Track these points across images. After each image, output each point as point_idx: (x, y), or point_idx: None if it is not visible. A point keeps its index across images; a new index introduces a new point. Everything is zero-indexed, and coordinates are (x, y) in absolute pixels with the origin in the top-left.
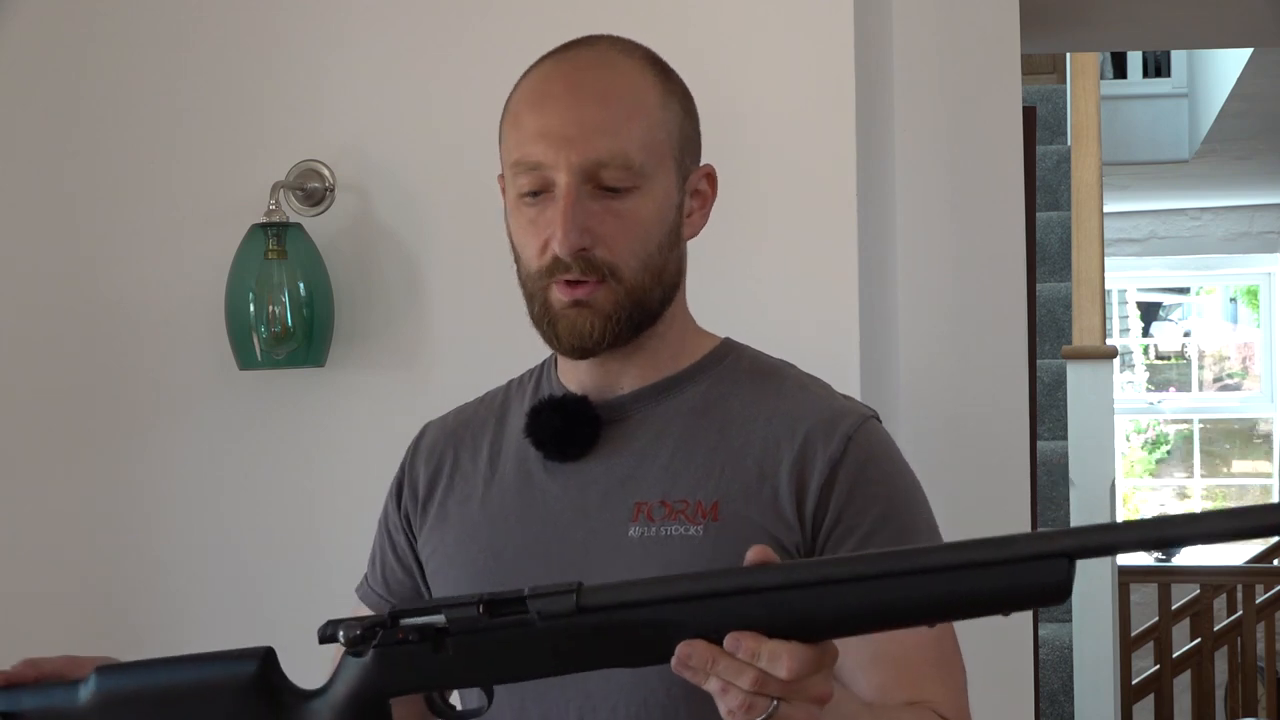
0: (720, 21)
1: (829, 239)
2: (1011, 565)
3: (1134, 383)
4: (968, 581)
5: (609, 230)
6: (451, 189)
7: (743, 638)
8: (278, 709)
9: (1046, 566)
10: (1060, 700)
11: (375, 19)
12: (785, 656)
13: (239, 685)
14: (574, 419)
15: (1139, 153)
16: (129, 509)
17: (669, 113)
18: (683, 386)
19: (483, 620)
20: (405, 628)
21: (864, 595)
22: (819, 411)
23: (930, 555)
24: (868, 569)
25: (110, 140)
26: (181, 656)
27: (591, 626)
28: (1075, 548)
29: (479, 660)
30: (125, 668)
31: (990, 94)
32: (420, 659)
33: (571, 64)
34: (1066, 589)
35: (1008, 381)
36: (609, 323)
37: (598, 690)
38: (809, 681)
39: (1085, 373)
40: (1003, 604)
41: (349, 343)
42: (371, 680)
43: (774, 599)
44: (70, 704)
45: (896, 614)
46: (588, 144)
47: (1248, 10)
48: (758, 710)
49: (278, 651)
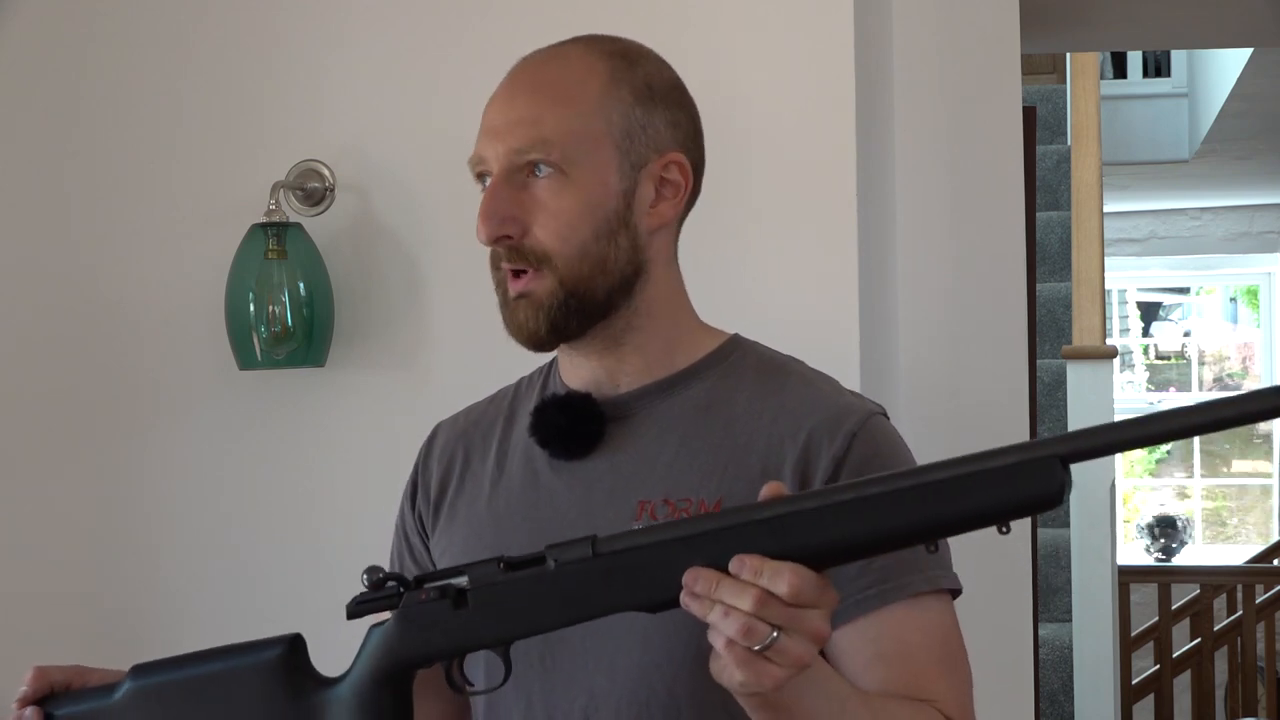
0: (720, 22)
1: (829, 239)
2: (1007, 471)
3: (1134, 383)
4: (966, 493)
5: (537, 218)
6: (452, 189)
7: (746, 558)
8: (300, 692)
9: (1041, 470)
10: (1060, 700)
11: (375, 19)
12: (788, 573)
13: (264, 669)
14: (578, 417)
15: (1139, 153)
16: (129, 509)
17: (611, 100)
18: (687, 383)
19: (501, 574)
20: (427, 588)
21: (867, 516)
22: (824, 409)
23: (927, 472)
24: (869, 491)
25: (110, 140)
26: (213, 648)
27: (605, 570)
28: (1067, 451)
29: (500, 614)
30: (158, 664)
31: (990, 94)
32: (443, 617)
33: (522, 63)
34: (1061, 493)
35: (1008, 381)
36: (543, 312)
37: (602, 689)
38: (808, 614)
39: (1085, 373)
40: (1002, 512)
41: (349, 343)
42: (394, 648)
43: (780, 526)
44: (106, 704)
45: (900, 532)
46: (510, 134)
47: (1248, 10)
48: (757, 636)
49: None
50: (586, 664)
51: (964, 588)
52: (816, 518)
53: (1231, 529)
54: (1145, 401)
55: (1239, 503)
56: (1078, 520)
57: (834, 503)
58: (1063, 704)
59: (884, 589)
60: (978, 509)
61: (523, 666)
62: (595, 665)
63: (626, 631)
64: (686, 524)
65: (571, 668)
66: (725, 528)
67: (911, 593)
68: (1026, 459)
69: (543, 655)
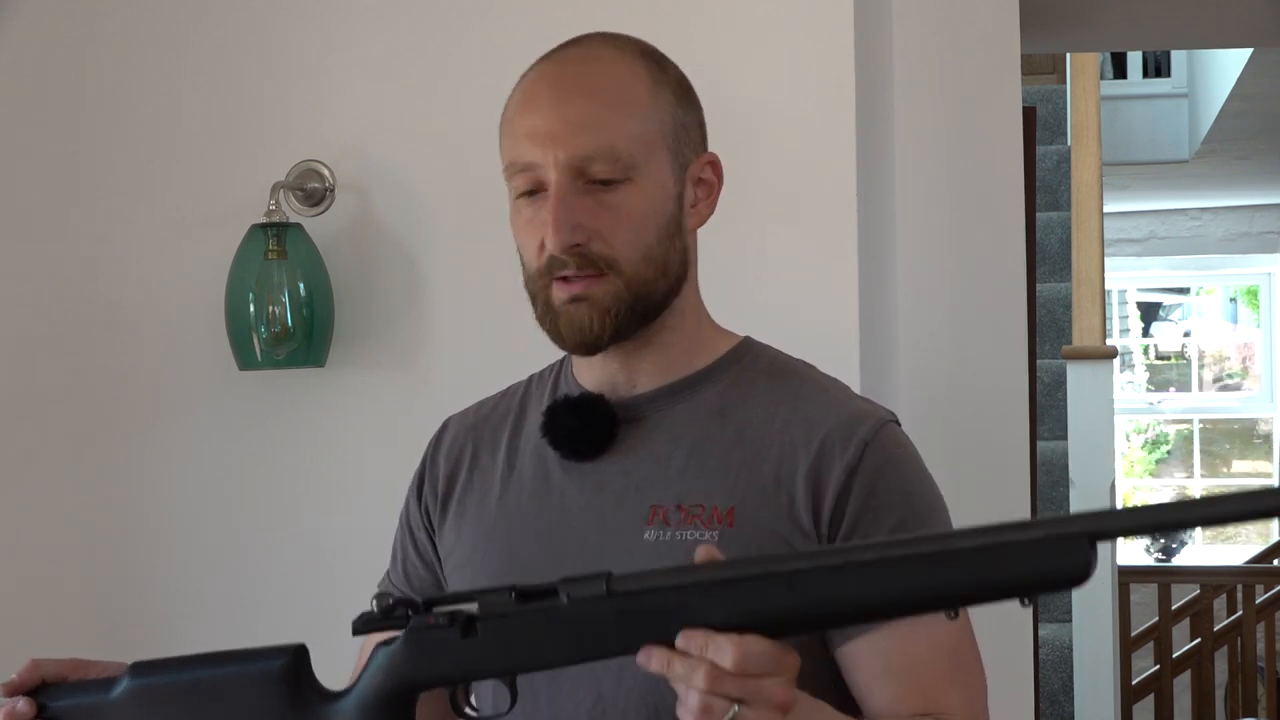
0: (720, 22)
1: (829, 239)
2: (1032, 547)
3: (1134, 383)
4: (988, 565)
5: (603, 224)
6: (451, 189)
7: (692, 633)
8: (302, 705)
9: (1069, 547)
10: (1060, 700)
11: (375, 19)
12: (730, 647)
13: (266, 679)
14: (590, 419)
15: (1139, 153)
16: (129, 509)
17: (660, 102)
18: (700, 387)
19: (513, 605)
20: (436, 613)
21: (887, 579)
22: (836, 416)
23: (952, 539)
24: (891, 553)
25: (110, 140)
26: (215, 652)
27: (618, 611)
28: (1096, 530)
29: (508, 646)
30: (158, 664)
31: (990, 94)
32: (450, 645)
33: (558, 63)
34: (1087, 571)
35: (1008, 381)
36: (609, 316)
37: (610, 693)
38: (766, 683)
39: (1085, 373)
40: (1024, 587)
41: (349, 343)
42: (400, 670)
43: (800, 581)
44: (103, 700)
45: (918, 599)
46: (574, 140)
47: (1248, 10)
48: (715, 713)
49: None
50: (594, 666)
51: None
52: (838, 576)
53: (1231, 529)
54: (1145, 402)
55: None
56: None
57: (856, 561)
58: (1063, 704)
59: None
60: (1002, 581)
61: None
62: (604, 668)
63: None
64: (703, 570)
65: (579, 669)
66: (743, 577)
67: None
68: (1054, 534)
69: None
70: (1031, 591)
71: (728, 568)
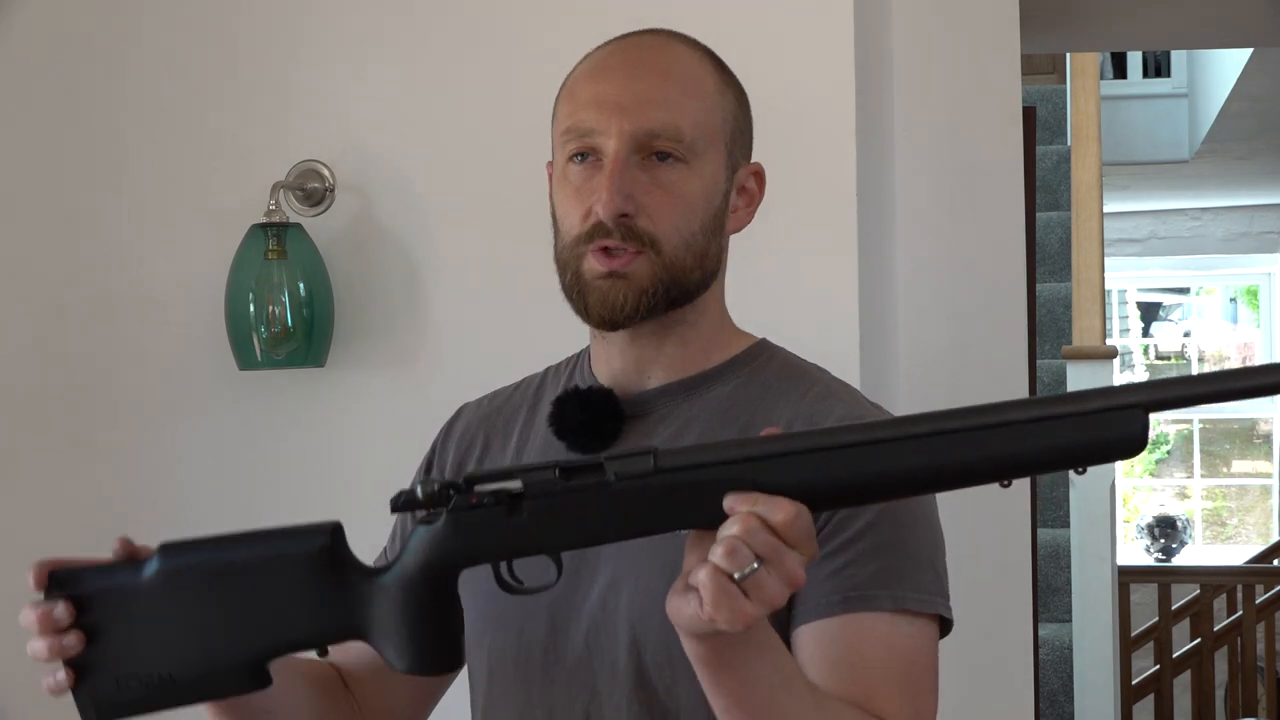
0: (720, 21)
1: (829, 239)
2: (1088, 418)
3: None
4: (1045, 435)
5: (654, 201)
6: (452, 189)
7: (742, 494)
8: (345, 584)
9: (1122, 418)
10: (1060, 700)
11: (376, 19)
12: (785, 503)
13: (305, 558)
14: (598, 412)
15: (1139, 153)
16: (128, 509)
17: (725, 99)
18: (710, 385)
19: (559, 483)
20: (480, 493)
21: (944, 449)
22: (840, 419)
23: (1006, 410)
24: (947, 424)
25: (110, 141)
26: (247, 532)
27: (666, 487)
28: (1150, 400)
29: (554, 524)
30: (189, 544)
31: (990, 94)
32: (495, 524)
33: (633, 42)
34: (1144, 441)
35: (1008, 381)
36: (643, 296)
37: (605, 687)
38: (790, 554)
39: (1085, 373)
40: (1080, 457)
41: (349, 343)
42: (443, 548)
43: (855, 455)
44: (134, 581)
45: (974, 468)
46: (641, 113)
47: (1248, 10)
48: (739, 560)
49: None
50: (590, 661)
51: (965, 586)
52: (894, 449)
53: (1231, 529)
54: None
55: (1239, 503)
56: (1078, 520)
57: (911, 434)
58: (1063, 704)
59: (849, 596)
60: (1058, 449)
61: (524, 660)
62: (599, 663)
63: (629, 631)
64: (752, 444)
65: (575, 664)
66: (794, 451)
67: (877, 606)
68: (1111, 405)
69: (546, 649)
70: (1087, 461)
71: (777, 442)
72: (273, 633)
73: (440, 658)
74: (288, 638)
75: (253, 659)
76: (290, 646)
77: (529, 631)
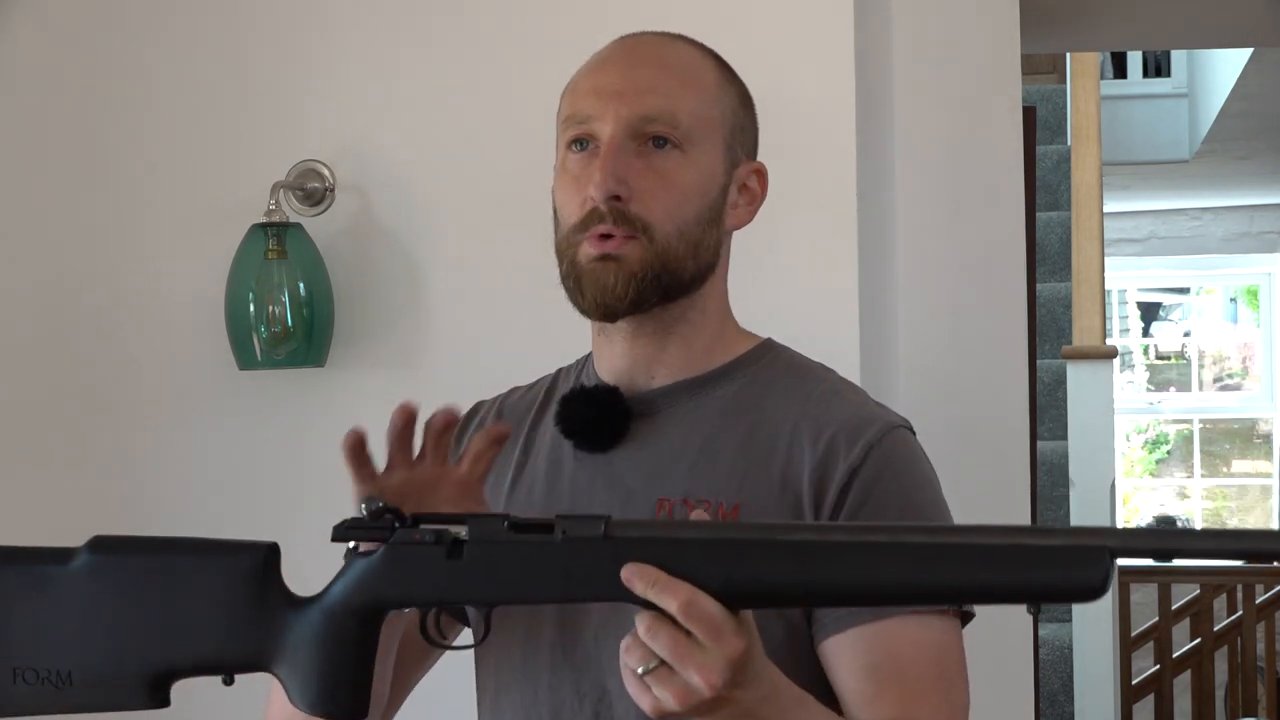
0: (719, 21)
1: (829, 239)
2: (1051, 553)
3: (1134, 383)
4: (1003, 564)
5: (648, 186)
6: (452, 189)
7: (644, 568)
8: (265, 605)
9: (1085, 559)
10: (1060, 700)
11: (376, 19)
12: (681, 589)
13: (234, 573)
14: (604, 410)
15: (1139, 153)
16: (129, 509)
17: (725, 95)
18: (716, 384)
19: (505, 534)
20: (423, 530)
21: (896, 562)
22: (846, 418)
23: (968, 534)
24: (905, 537)
25: (110, 141)
26: (185, 539)
27: (612, 555)
28: (1117, 545)
29: (494, 574)
30: (122, 541)
31: (990, 94)
32: (433, 565)
33: (634, 40)
34: (1104, 585)
35: (1008, 381)
36: (634, 280)
37: (616, 688)
38: (694, 653)
39: (1085, 373)
40: (1036, 592)
41: (349, 343)
42: (374, 584)
43: (805, 552)
44: (57, 570)
45: (926, 588)
46: (638, 99)
47: (1248, 10)
48: (635, 657)
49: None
50: (600, 661)
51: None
52: (844, 552)
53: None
54: (1145, 401)
55: (1239, 503)
56: (1078, 520)
57: (865, 541)
58: (1063, 704)
59: None
60: (1014, 583)
61: (532, 656)
62: (609, 664)
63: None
64: (706, 527)
65: (584, 663)
66: (746, 541)
67: (909, 609)
68: (1075, 544)
69: (554, 647)
70: (1042, 598)
71: (732, 529)
72: (183, 647)
73: (342, 703)
74: (197, 654)
75: (156, 673)
76: (195, 667)
77: (537, 630)
